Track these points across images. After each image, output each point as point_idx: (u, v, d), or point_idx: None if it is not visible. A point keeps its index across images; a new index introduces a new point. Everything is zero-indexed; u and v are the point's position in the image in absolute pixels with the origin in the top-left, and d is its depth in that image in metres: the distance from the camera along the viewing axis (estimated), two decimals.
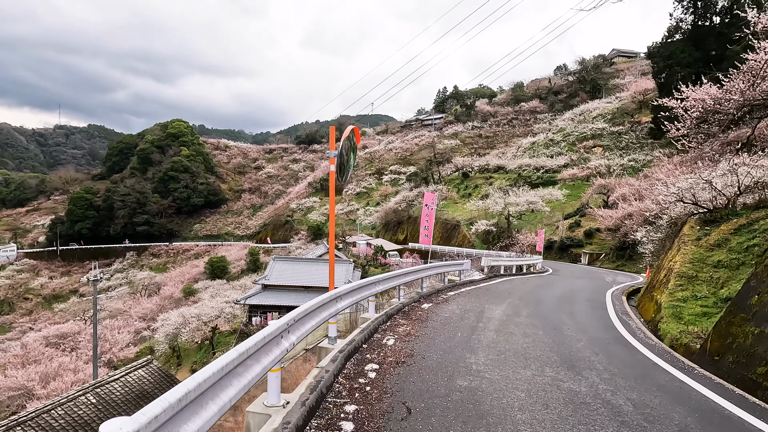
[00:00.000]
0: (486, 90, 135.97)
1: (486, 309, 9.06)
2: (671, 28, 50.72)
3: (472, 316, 8.16)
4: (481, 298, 10.58)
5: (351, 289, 5.72)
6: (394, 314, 7.58)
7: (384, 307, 10.68)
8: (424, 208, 12.11)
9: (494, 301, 10.23)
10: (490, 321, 7.79)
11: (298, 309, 3.91)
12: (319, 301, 4.47)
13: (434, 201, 11.86)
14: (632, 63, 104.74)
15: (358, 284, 6.17)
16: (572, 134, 73.02)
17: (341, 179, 5.13)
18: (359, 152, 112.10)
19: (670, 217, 17.41)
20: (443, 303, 9.46)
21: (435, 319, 7.62)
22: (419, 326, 6.81)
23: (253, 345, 2.64)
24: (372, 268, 44.75)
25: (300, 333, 3.76)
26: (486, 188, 63.79)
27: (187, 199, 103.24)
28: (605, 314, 9.93)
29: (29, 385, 29.03)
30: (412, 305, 8.79)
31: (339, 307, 5.16)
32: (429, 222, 11.62)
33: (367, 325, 6.06)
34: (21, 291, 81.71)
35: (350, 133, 4.93)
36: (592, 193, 42.62)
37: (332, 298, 4.88)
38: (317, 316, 4.39)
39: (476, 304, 9.58)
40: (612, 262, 31.48)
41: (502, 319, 8.11)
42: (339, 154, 4.96)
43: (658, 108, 54.65)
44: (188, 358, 36.05)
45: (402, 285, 8.71)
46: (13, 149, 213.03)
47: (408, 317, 7.53)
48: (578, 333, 7.24)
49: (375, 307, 7.18)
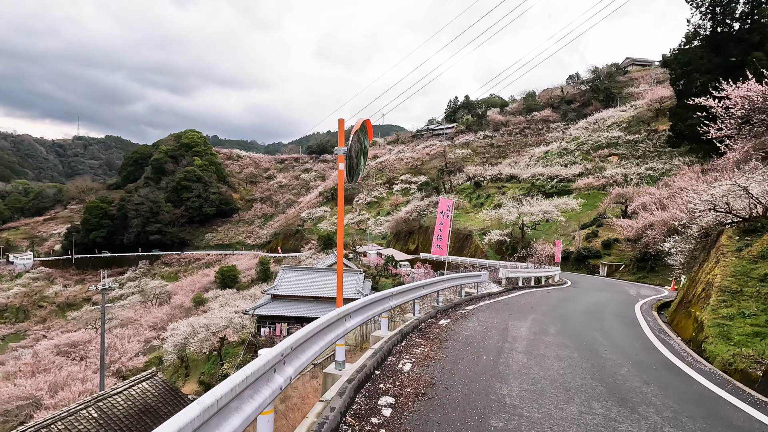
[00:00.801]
0: (497, 99, 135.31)
1: (510, 326, 8.27)
2: (689, 34, 49.61)
3: (496, 335, 7.43)
4: (502, 313, 9.77)
5: (361, 306, 5.04)
6: (410, 332, 6.93)
7: (397, 321, 9.93)
8: (438, 216, 11.33)
9: (517, 317, 9.41)
10: (516, 340, 7.00)
11: (298, 333, 3.24)
12: (324, 322, 3.80)
13: (450, 208, 11.09)
14: (646, 71, 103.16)
15: (370, 299, 5.49)
16: (586, 143, 71.68)
17: (351, 180, 4.48)
18: (370, 162, 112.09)
19: (700, 227, 16.40)
20: (462, 319, 8.69)
21: (455, 338, 6.92)
22: (438, 347, 6.07)
23: (228, 391, 1.95)
24: (383, 278, 43.92)
25: (299, 363, 3.08)
26: (499, 198, 62.70)
27: (200, 209, 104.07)
28: (640, 332, 9.02)
29: (38, 394, 28.82)
30: (429, 321, 8.06)
31: (348, 327, 4.48)
32: (443, 231, 10.85)
33: (380, 346, 5.35)
34: (36, 299, 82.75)
35: (361, 126, 4.30)
36: (609, 202, 41.34)
37: (340, 317, 4.22)
38: (321, 339, 3.72)
39: (498, 321, 8.79)
40: (632, 273, 30.17)
41: (529, 338, 7.31)
42: (348, 152, 4.31)
43: (677, 116, 53.18)
44: (196, 369, 35.54)
45: (417, 299, 7.98)
46: (33, 159, 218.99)
47: (425, 336, 6.84)
48: (618, 355, 6.40)
49: (388, 323, 6.48)
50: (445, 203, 11.43)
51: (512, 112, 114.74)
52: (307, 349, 3.35)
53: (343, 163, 4.28)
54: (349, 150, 4.37)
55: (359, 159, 4.70)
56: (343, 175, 4.23)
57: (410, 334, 6.75)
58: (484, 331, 7.63)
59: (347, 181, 4.37)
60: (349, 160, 4.40)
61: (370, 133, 4.61)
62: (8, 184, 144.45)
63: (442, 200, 11.72)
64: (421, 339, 6.49)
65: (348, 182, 4.50)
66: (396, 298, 6.66)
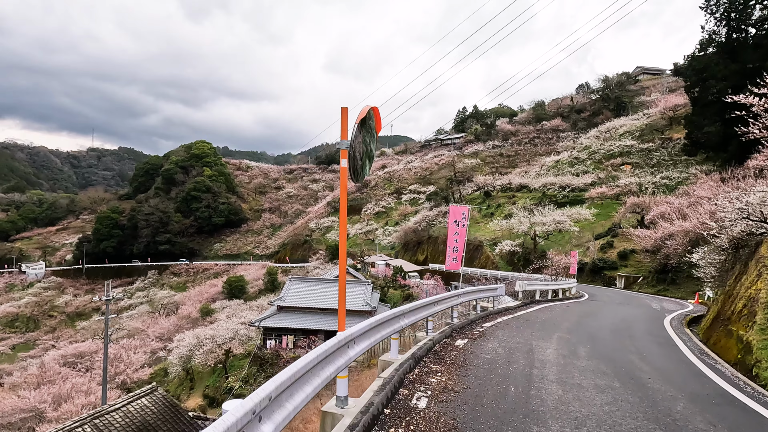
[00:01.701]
0: (506, 109, 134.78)
1: (534, 347, 7.44)
2: (703, 41, 48.60)
3: (521, 358, 6.62)
4: (524, 331, 8.91)
5: (367, 329, 4.30)
6: (424, 356, 6.13)
7: (407, 338, 9.10)
8: (451, 226, 10.44)
9: (540, 336, 8.55)
10: (545, 366, 6.17)
11: (282, 374, 2.50)
12: (320, 354, 3.04)
13: (465, 216, 10.19)
14: (658, 80, 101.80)
15: (377, 321, 4.74)
16: (598, 152, 70.49)
17: (356, 180, 3.79)
18: (378, 172, 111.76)
19: (731, 237, 15.38)
20: (480, 338, 7.86)
21: (475, 362, 6.12)
22: (457, 375, 5.27)
23: None
24: (391, 289, 43.01)
25: (285, 414, 2.33)
26: (509, 207, 61.62)
27: (209, 219, 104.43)
28: (680, 354, 8.09)
29: (41, 407, 28.34)
30: (444, 342, 7.25)
31: (351, 356, 3.74)
32: (459, 241, 9.99)
33: (390, 375, 4.57)
34: (46, 308, 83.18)
35: (367, 115, 3.61)
36: (624, 212, 40.11)
37: (341, 344, 3.49)
38: (315, 376, 2.97)
39: (521, 341, 7.95)
40: (652, 286, 28.89)
41: (558, 362, 6.47)
42: (351, 152, 3.62)
43: (693, 123, 51.83)
44: (201, 382, 34.76)
45: (430, 316, 7.19)
46: (48, 171, 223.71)
47: (441, 360, 6.06)
48: (666, 385, 5.53)
49: (398, 345, 5.71)
50: (459, 211, 10.51)
51: (521, 122, 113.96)
52: (296, 392, 2.60)
53: (345, 159, 3.59)
54: (353, 151, 3.68)
55: (364, 162, 4.01)
56: (346, 173, 3.54)
57: (424, 359, 5.99)
58: (507, 354, 6.84)
59: (351, 180, 3.68)
60: (353, 162, 3.71)
61: (378, 124, 3.92)
62: (23, 194, 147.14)
63: (454, 208, 10.80)
64: (436, 364, 5.69)
65: (352, 182, 3.81)
66: (408, 316, 5.90)
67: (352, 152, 3.57)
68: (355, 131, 3.64)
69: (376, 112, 3.70)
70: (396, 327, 5.35)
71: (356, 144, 3.66)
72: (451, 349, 6.86)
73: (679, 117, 63.40)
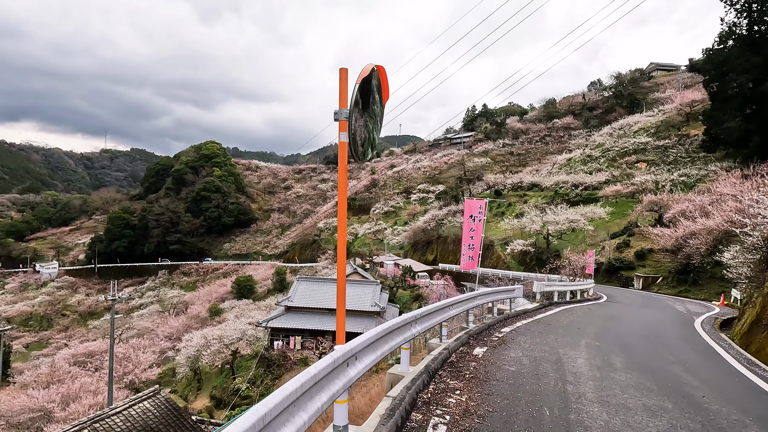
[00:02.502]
0: (516, 108, 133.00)
1: (563, 356, 6.67)
2: (723, 33, 46.91)
3: (551, 371, 5.86)
4: (547, 337, 8.10)
5: (373, 339, 3.58)
6: (438, 369, 5.34)
7: (419, 344, 8.36)
8: (466, 222, 9.48)
9: (566, 342, 7.75)
10: (579, 380, 5.40)
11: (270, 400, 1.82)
12: (313, 376, 2.32)
13: (482, 211, 9.26)
14: (672, 76, 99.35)
15: (385, 329, 4.02)
16: (612, 149, 68.85)
17: (359, 156, 3.07)
18: (386, 171, 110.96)
19: (764, 235, 14.36)
20: (501, 346, 7.09)
21: (498, 376, 5.35)
22: (479, 393, 4.52)
23: None
24: (400, 290, 42.27)
25: None
26: (520, 206, 60.41)
27: (218, 219, 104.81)
28: (726, 364, 7.23)
29: (49, 406, 28.22)
30: (461, 351, 6.53)
31: (352, 377, 3.00)
32: (476, 238, 9.07)
33: (400, 395, 3.80)
34: (59, 307, 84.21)
35: (371, 74, 2.87)
36: (642, 210, 38.78)
37: (337, 363, 2.74)
38: (306, 407, 2.25)
39: (546, 348, 7.20)
40: (672, 287, 27.66)
41: (593, 375, 5.69)
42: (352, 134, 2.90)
43: (712, 119, 50.14)
44: (209, 383, 34.43)
45: (445, 321, 6.43)
46: (62, 172, 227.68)
47: (459, 374, 5.30)
48: (725, 405, 4.71)
49: (409, 354, 4.98)
50: (475, 205, 9.52)
51: (532, 120, 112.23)
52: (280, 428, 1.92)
53: (345, 133, 2.87)
54: (353, 133, 2.95)
55: (366, 148, 3.28)
56: (345, 149, 2.83)
57: (439, 372, 5.22)
58: (533, 366, 6.08)
59: (351, 157, 2.96)
60: (353, 145, 2.99)
61: (385, 89, 3.18)
62: (38, 195, 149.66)
63: (470, 202, 9.82)
64: (454, 379, 4.93)
65: (355, 160, 3.08)
66: (420, 322, 5.16)
67: (352, 132, 2.87)
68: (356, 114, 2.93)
69: (382, 73, 2.97)
70: (407, 336, 4.62)
71: (357, 127, 2.95)
72: (469, 359, 6.10)
73: (696, 113, 61.53)
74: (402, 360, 4.98)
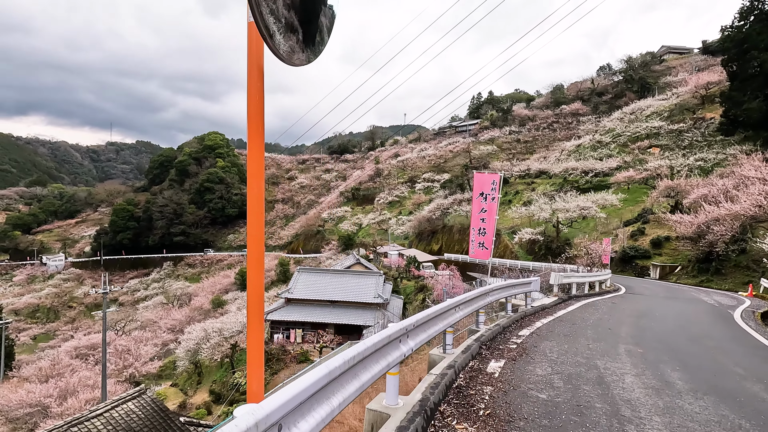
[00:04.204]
0: (522, 95, 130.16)
1: (603, 371, 5.39)
2: (744, 9, 44.47)
3: (594, 397, 4.49)
4: (576, 342, 6.83)
5: (346, 366, 2.32)
6: (441, 402, 3.96)
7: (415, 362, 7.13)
8: (476, 202, 7.79)
9: (601, 349, 6.48)
10: (638, 413, 4.11)
11: None
12: None
13: (496, 187, 7.66)
14: (685, 59, 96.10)
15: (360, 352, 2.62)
16: (623, 134, 66.70)
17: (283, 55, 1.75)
18: (390, 160, 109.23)
19: None
20: (522, 357, 5.84)
21: (525, 411, 3.99)
22: None
23: None
24: (405, 280, 41.22)
25: None
26: (528, 194, 58.81)
27: (222, 210, 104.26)
28: None
29: (46, 401, 27.75)
30: (470, 367, 5.22)
31: None
32: (488, 221, 7.45)
33: None
34: (66, 299, 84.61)
35: None
36: (657, 196, 37.11)
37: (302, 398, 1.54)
38: None
39: (579, 359, 5.91)
40: (692, 276, 26.21)
41: (654, 403, 4.42)
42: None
43: (732, 100, 47.84)
44: (209, 376, 33.83)
45: (450, 327, 5.08)
46: (69, 165, 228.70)
47: (469, 410, 3.91)
48: None
49: (398, 384, 3.60)
50: (486, 180, 7.77)
51: (539, 107, 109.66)
52: None
53: None
54: None
55: (320, 28, 1.91)
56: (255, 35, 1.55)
57: (441, 407, 3.81)
58: (570, 390, 4.68)
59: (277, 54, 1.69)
60: (265, 28, 1.65)
61: None
62: (45, 188, 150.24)
63: (480, 176, 7.93)
64: (463, 420, 3.63)
65: (283, 59, 1.77)
66: (414, 335, 3.73)
67: None
68: None
69: None
70: (392, 360, 3.24)
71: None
72: (482, 381, 4.80)
73: (712, 95, 59.14)
74: (388, 390, 3.60)
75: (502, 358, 5.80)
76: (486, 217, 7.70)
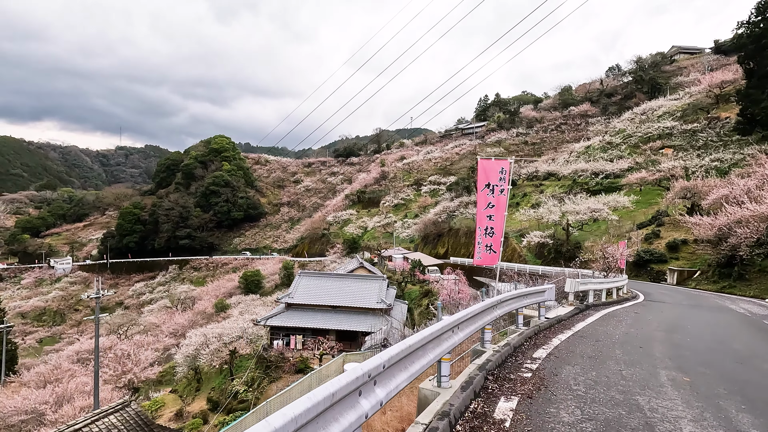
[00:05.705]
0: (530, 97, 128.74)
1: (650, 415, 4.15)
2: (761, 4, 43.03)
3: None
4: (605, 367, 5.75)
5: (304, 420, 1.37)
6: None
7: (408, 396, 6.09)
8: (482, 195, 6.76)
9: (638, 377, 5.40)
10: None
11: None
12: None
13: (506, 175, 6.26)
14: (696, 59, 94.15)
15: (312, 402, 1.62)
16: (634, 135, 65.05)
17: None
18: (396, 163, 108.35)
19: None
20: (539, 393, 4.66)
21: None
22: None
23: None
24: (409, 284, 40.13)
25: None
26: (536, 196, 57.42)
27: (228, 213, 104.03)
28: None
29: (41, 408, 27.09)
30: (472, 410, 4.00)
31: None
32: (496, 219, 6.23)
33: None
34: (72, 302, 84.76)
35: None
36: (672, 197, 35.63)
37: None
38: None
39: (614, 395, 4.71)
40: (712, 282, 24.78)
41: None
42: None
43: (749, 98, 46.21)
44: (208, 383, 32.94)
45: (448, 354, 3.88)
46: (79, 169, 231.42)
47: None
48: None
49: None
50: (494, 168, 6.22)
51: (547, 108, 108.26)
52: None
53: None
54: None
55: None
56: None
57: None
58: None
59: None
60: None
61: None
62: (54, 192, 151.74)
63: (486, 163, 6.73)
64: None
65: None
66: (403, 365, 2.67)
67: None
68: None
69: None
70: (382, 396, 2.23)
71: None
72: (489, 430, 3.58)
73: (728, 94, 57.35)
74: None
75: (515, 393, 4.59)
76: (494, 214, 6.53)
